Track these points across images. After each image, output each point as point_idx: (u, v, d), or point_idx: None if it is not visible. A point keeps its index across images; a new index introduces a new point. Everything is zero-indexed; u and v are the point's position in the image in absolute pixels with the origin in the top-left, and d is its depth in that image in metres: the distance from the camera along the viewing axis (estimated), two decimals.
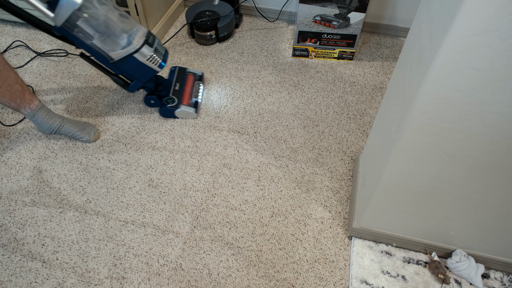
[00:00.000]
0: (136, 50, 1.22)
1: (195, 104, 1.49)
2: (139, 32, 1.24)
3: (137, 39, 1.23)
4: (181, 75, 1.56)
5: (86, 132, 1.37)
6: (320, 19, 1.61)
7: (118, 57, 1.23)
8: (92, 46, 1.19)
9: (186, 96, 1.49)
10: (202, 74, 1.62)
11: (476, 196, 0.87)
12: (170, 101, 1.45)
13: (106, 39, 1.18)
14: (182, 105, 1.45)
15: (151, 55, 1.26)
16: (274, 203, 1.23)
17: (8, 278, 1.06)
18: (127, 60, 1.24)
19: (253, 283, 1.06)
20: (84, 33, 1.15)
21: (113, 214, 1.19)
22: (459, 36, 0.59)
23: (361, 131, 1.45)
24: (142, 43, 1.23)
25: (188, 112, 1.45)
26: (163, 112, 1.46)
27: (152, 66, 1.29)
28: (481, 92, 0.65)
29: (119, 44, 1.21)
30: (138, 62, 1.25)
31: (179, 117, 1.47)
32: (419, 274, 1.07)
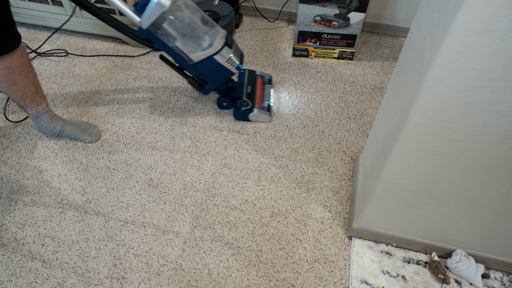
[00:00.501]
0: (216, 52, 1.23)
1: (268, 107, 1.49)
2: (219, 34, 1.25)
3: (217, 40, 1.24)
4: (251, 77, 1.56)
5: (88, 134, 1.37)
6: (320, 19, 1.61)
7: (198, 58, 1.24)
8: (173, 48, 1.21)
9: (258, 99, 1.49)
10: (271, 77, 1.62)
11: (476, 196, 0.87)
12: (244, 104, 1.45)
13: (187, 40, 1.19)
14: (256, 108, 1.45)
15: (230, 56, 1.26)
16: (274, 203, 1.23)
17: (8, 278, 1.06)
18: (206, 62, 1.25)
19: (253, 283, 1.06)
20: (168, 35, 1.17)
21: (113, 214, 1.19)
22: (459, 36, 0.59)
23: (361, 131, 1.45)
24: (222, 45, 1.24)
25: (263, 115, 1.45)
26: (237, 115, 1.46)
27: (229, 67, 1.30)
28: (481, 92, 0.65)
29: (200, 45, 1.22)
30: (217, 64, 1.26)
31: (252, 120, 1.47)
32: (419, 274, 1.07)
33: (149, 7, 1.09)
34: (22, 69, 1.14)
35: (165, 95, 1.58)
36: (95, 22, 1.75)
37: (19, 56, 1.12)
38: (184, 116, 1.49)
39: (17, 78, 1.14)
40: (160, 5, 1.08)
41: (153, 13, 1.10)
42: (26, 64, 1.16)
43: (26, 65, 1.16)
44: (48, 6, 1.73)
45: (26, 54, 1.16)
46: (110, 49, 1.79)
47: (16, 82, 1.15)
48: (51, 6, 1.73)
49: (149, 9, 1.09)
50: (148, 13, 1.10)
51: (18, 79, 1.15)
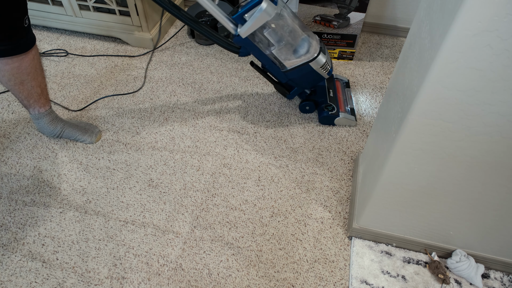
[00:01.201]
0: (313, 58, 1.23)
1: (352, 111, 1.47)
2: (314, 40, 1.24)
3: (314, 46, 1.23)
4: (330, 81, 1.54)
5: (88, 134, 1.37)
6: (320, 19, 1.61)
7: (292, 65, 1.24)
8: (269, 55, 1.20)
9: (341, 103, 1.48)
10: (348, 80, 1.61)
11: (476, 196, 0.87)
12: (330, 108, 1.43)
13: (283, 48, 1.19)
14: (341, 112, 1.43)
15: (324, 62, 1.26)
16: (274, 203, 1.23)
17: (8, 278, 1.06)
18: (300, 68, 1.25)
19: (253, 283, 1.06)
20: (265, 43, 1.16)
21: (113, 214, 1.19)
22: (459, 36, 0.59)
23: (361, 131, 1.45)
24: (318, 51, 1.23)
25: (349, 119, 1.43)
26: (323, 119, 1.44)
27: (322, 73, 1.30)
28: (481, 92, 0.65)
29: (297, 52, 1.22)
30: (311, 70, 1.26)
31: (338, 124, 1.45)
32: (419, 274, 1.07)
33: (254, 15, 1.08)
34: (31, 71, 1.14)
35: (165, 95, 1.58)
36: (95, 22, 1.75)
37: (31, 59, 1.12)
38: (184, 116, 1.49)
39: (25, 78, 1.15)
40: (267, 13, 1.07)
41: (257, 22, 1.09)
42: (37, 66, 1.16)
43: (36, 67, 1.15)
44: (48, 6, 1.73)
45: (38, 57, 1.15)
46: (110, 49, 1.79)
47: (24, 82, 1.15)
48: (51, 6, 1.73)
49: (254, 18, 1.08)
50: (252, 21, 1.09)
51: (26, 79, 1.15)
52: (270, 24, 1.11)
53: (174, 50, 1.79)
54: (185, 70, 1.69)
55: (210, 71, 1.69)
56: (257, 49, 1.19)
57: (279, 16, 1.12)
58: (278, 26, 1.14)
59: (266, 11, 1.07)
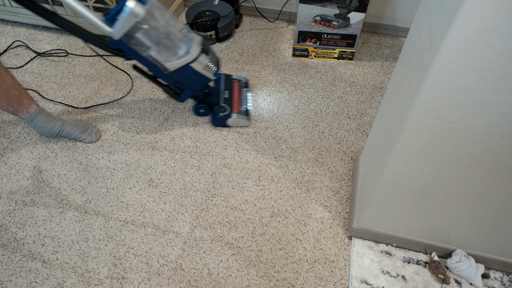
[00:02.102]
0: (194, 60, 1.20)
1: (246, 111, 1.47)
2: (195, 41, 1.21)
3: (194, 48, 1.20)
4: (228, 82, 1.54)
5: (88, 133, 1.37)
6: (320, 19, 1.61)
7: (174, 67, 1.20)
8: (147, 57, 1.17)
9: (236, 104, 1.46)
10: (248, 80, 1.59)
11: (476, 196, 0.87)
12: (222, 109, 1.42)
13: (162, 49, 1.15)
14: (234, 113, 1.42)
15: (207, 63, 1.23)
16: (274, 203, 1.23)
17: (8, 278, 1.06)
18: (183, 70, 1.22)
19: (253, 283, 1.06)
20: (142, 45, 1.13)
21: (113, 214, 1.19)
22: (459, 36, 0.59)
23: (361, 131, 1.45)
24: (199, 52, 1.21)
25: (242, 120, 1.42)
26: (215, 121, 1.43)
27: (207, 74, 1.27)
28: (481, 92, 0.65)
29: (176, 54, 1.18)
30: (194, 71, 1.23)
31: (231, 125, 1.44)
32: (419, 274, 1.07)
33: (122, 16, 1.04)
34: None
35: (165, 95, 1.58)
36: None
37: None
38: (184, 116, 1.49)
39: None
40: (134, 15, 1.03)
41: (126, 23, 1.05)
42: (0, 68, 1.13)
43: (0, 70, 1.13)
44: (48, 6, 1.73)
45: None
46: None
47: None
48: (51, 6, 1.73)
49: (122, 19, 1.04)
50: (121, 23, 1.05)
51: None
52: (141, 25, 1.07)
53: None
54: None
55: None
56: (135, 51, 1.15)
57: (152, 16, 1.09)
58: (152, 28, 1.10)
59: (133, 13, 1.03)
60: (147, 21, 1.08)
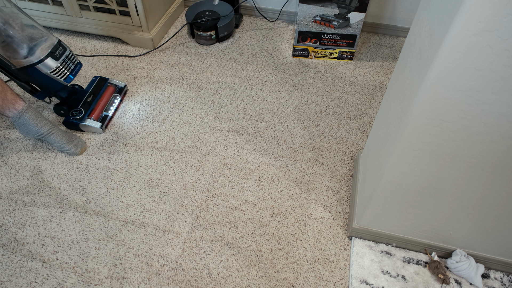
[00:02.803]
0: (38, 61, 1.18)
1: (103, 118, 1.43)
2: (45, 43, 1.20)
3: (40, 50, 1.19)
4: (99, 86, 1.51)
5: (73, 145, 1.33)
6: (320, 19, 1.61)
7: (19, 65, 1.19)
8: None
9: (97, 109, 1.44)
10: (125, 86, 1.56)
11: (476, 196, 0.87)
12: (76, 113, 1.40)
13: (6, 46, 1.15)
14: (88, 118, 1.39)
15: (56, 67, 1.22)
16: (274, 203, 1.23)
17: (8, 278, 1.06)
18: (30, 69, 1.20)
19: (253, 283, 1.06)
20: None
21: (113, 214, 1.19)
22: (459, 36, 0.59)
23: (361, 131, 1.45)
24: (45, 55, 1.19)
25: (93, 126, 1.39)
26: (66, 124, 1.41)
27: (56, 79, 1.25)
28: (481, 92, 0.65)
29: (19, 53, 1.17)
30: (41, 73, 1.21)
31: (84, 130, 1.42)
32: (419, 274, 1.07)
33: None
34: None
35: (165, 95, 1.58)
36: (95, 22, 1.75)
37: None
38: (184, 116, 1.49)
39: None
40: None
41: None
42: None
43: None
44: (48, 6, 1.73)
45: None
46: (110, 49, 1.79)
47: None
48: (51, 6, 1.73)
49: None
50: None
51: None
52: None
53: (174, 50, 1.79)
54: (185, 70, 1.69)
55: (210, 71, 1.69)
56: None
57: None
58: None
59: None
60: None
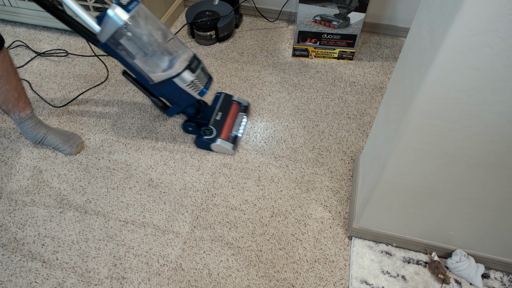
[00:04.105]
0: (176, 75, 1.15)
1: (234, 138, 1.38)
2: (183, 56, 1.17)
3: (179, 63, 1.15)
4: (225, 103, 1.45)
5: (69, 145, 1.33)
6: (320, 19, 1.61)
7: (158, 79, 1.17)
8: (133, 65, 1.14)
9: (226, 128, 1.37)
10: (248, 104, 1.51)
11: (476, 196, 0.87)
12: (208, 132, 1.34)
13: (148, 59, 1.12)
14: (219, 138, 1.33)
15: (191, 81, 1.17)
16: (274, 203, 1.23)
17: (8, 278, 1.06)
18: (167, 83, 1.17)
19: (253, 283, 1.06)
20: (127, 52, 1.10)
21: (113, 214, 1.19)
22: (459, 36, 0.59)
23: (361, 131, 1.45)
24: (183, 68, 1.15)
25: (225, 147, 1.33)
26: (198, 143, 1.36)
27: (191, 92, 1.20)
28: (481, 92, 0.65)
29: (159, 66, 1.14)
30: (177, 87, 1.18)
31: (214, 150, 1.36)
32: (419, 274, 1.07)
33: (105, 20, 1.03)
34: (3, 74, 1.12)
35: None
36: None
37: (0, 61, 1.10)
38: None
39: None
40: (117, 19, 1.02)
41: (109, 28, 1.04)
42: (8, 70, 1.14)
43: (8, 71, 1.14)
44: None
45: (8, 59, 1.14)
46: None
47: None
48: None
49: (105, 23, 1.03)
50: (104, 26, 1.04)
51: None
52: (125, 32, 1.05)
53: None
54: None
55: (210, 71, 1.69)
56: (120, 57, 1.13)
57: (136, 24, 1.06)
58: (136, 36, 1.08)
59: (115, 17, 1.01)
60: (131, 28, 1.06)
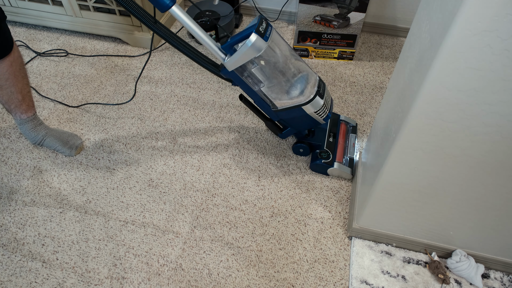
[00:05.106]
0: (307, 102, 1.08)
1: (350, 162, 1.29)
2: (311, 81, 1.11)
3: (309, 89, 1.09)
4: (334, 123, 1.37)
5: (68, 146, 1.33)
6: (320, 19, 1.61)
7: (283, 106, 1.11)
8: (258, 92, 1.09)
9: (340, 151, 1.31)
10: (356, 124, 1.42)
11: (476, 196, 0.87)
12: (324, 155, 1.27)
13: (275, 86, 1.07)
14: (336, 162, 1.26)
15: (320, 107, 1.10)
16: (274, 203, 1.23)
17: (8, 278, 1.06)
18: (292, 110, 1.11)
19: (253, 283, 1.06)
20: (254, 79, 1.05)
21: (113, 214, 1.19)
22: (459, 36, 0.59)
23: (361, 131, 1.45)
24: (314, 94, 1.09)
25: (344, 171, 1.26)
26: (315, 167, 1.29)
27: (317, 118, 1.14)
28: (481, 92, 0.65)
29: (289, 93, 1.09)
30: (304, 114, 1.11)
31: (330, 174, 1.29)
32: (419, 274, 1.07)
33: (241, 49, 0.97)
34: (9, 77, 1.13)
35: (165, 95, 1.58)
36: (95, 22, 1.75)
37: (8, 65, 1.11)
38: (184, 116, 1.49)
39: (3, 84, 1.14)
40: (255, 49, 0.96)
41: (244, 57, 0.99)
42: (16, 73, 1.14)
43: (15, 74, 1.14)
44: (48, 6, 1.73)
45: (18, 63, 1.14)
46: (110, 49, 1.79)
47: (2, 87, 1.15)
48: (51, 6, 1.73)
49: (240, 52, 0.97)
50: (239, 55, 0.98)
51: (4, 85, 1.14)
52: (258, 60, 1.01)
53: (174, 50, 1.79)
54: (185, 70, 1.69)
55: None
56: (245, 84, 1.09)
57: (270, 53, 1.02)
58: (268, 64, 1.03)
59: (254, 47, 0.96)
60: (265, 57, 1.01)
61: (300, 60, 1.12)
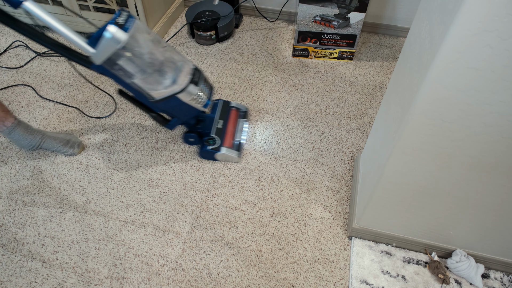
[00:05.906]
0: (181, 90, 1.10)
1: (238, 146, 1.35)
2: (184, 69, 1.12)
3: (182, 77, 1.11)
4: (224, 110, 1.41)
5: (69, 146, 1.32)
6: (320, 19, 1.61)
7: (160, 96, 1.11)
8: (131, 84, 1.08)
9: (228, 136, 1.34)
10: (247, 109, 1.46)
11: (476, 196, 0.87)
12: (211, 142, 1.31)
13: (148, 77, 1.07)
14: (223, 147, 1.30)
15: (196, 94, 1.13)
16: (274, 203, 1.23)
17: (8, 278, 1.06)
18: (169, 99, 1.12)
19: (253, 283, 1.06)
20: (125, 72, 1.04)
21: (113, 214, 1.19)
22: (459, 36, 0.59)
23: (361, 131, 1.45)
24: (187, 82, 1.11)
25: (231, 156, 1.31)
26: (202, 153, 1.33)
27: (196, 105, 1.17)
28: (481, 92, 0.65)
29: (162, 83, 1.09)
30: (181, 102, 1.13)
31: (219, 160, 1.33)
32: (419, 274, 1.07)
33: (102, 42, 0.95)
34: None
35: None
36: (95, 22, 1.75)
37: None
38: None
39: None
40: (115, 41, 0.95)
41: (106, 50, 0.97)
42: None
43: None
44: (48, 6, 1.73)
45: None
46: None
47: None
48: (51, 6, 1.73)
49: (102, 45, 0.96)
50: (101, 48, 0.97)
51: None
52: (124, 52, 0.99)
53: None
54: None
55: (210, 71, 1.69)
56: (118, 77, 1.07)
57: (136, 43, 1.00)
58: (135, 55, 1.01)
59: (113, 39, 0.95)
60: (129, 48, 1.00)
61: (172, 51, 1.13)
